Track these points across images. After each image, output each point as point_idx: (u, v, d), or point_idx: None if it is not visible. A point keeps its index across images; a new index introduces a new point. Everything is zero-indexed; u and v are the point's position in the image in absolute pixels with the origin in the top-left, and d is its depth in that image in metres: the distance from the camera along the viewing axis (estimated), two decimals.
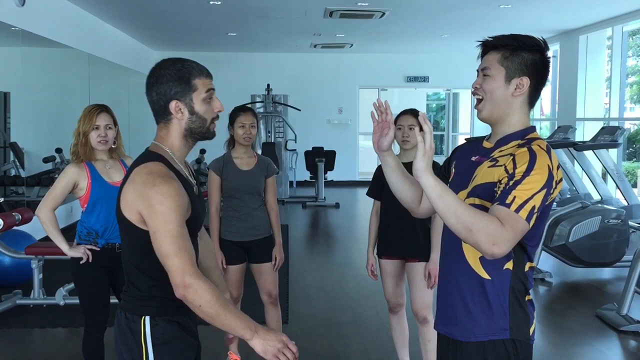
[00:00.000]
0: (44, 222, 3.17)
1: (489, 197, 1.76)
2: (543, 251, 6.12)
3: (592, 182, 8.65)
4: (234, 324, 1.68)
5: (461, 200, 1.67)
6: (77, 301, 4.56)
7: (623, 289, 4.83)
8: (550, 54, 1.86)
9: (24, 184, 7.82)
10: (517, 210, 1.64)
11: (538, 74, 1.82)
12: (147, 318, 1.81)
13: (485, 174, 1.80)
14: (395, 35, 11.29)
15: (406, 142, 3.37)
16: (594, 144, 7.95)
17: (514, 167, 1.70)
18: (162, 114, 1.83)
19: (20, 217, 5.04)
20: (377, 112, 1.94)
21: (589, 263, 5.80)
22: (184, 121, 1.82)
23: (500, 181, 1.73)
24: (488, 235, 1.62)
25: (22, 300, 5.06)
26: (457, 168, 1.97)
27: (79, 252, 3.12)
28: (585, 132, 10.34)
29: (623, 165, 11.07)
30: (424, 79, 14.54)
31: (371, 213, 3.59)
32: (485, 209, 1.73)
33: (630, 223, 5.95)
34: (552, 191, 1.72)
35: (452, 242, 1.88)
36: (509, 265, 1.79)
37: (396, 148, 3.48)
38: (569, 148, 8.54)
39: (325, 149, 12.05)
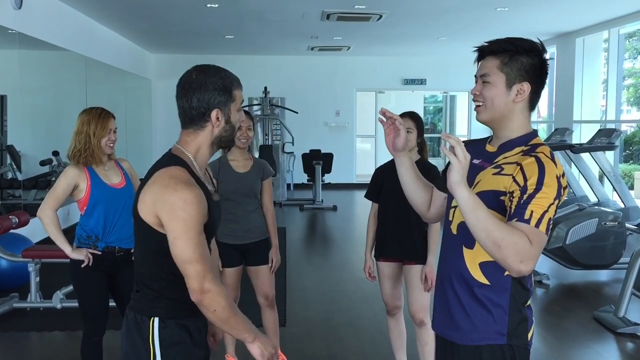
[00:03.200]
0: (46, 223, 3.14)
1: (493, 205, 1.74)
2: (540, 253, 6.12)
3: (589, 184, 8.66)
4: (241, 327, 1.78)
5: (492, 214, 1.64)
6: (75, 304, 4.55)
7: (620, 291, 4.84)
8: (547, 55, 1.86)
9: (21, 187, 7.81)
10: (537, 225, 1.64)
11: (537, 78, 1.81)
12: (156, 319, 1.81)
13: (489, 180, 1.78)
14: (393, 38, 11.30)
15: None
16: (591, 146, 7.96)
17: (524, 179, 1.68)
18: (197, 121, 1.83)
19: (17, 220, 5.03)
20: (385, 119, 1.94)
21: (586, 265, 5.80)
22: (217, 129, 1.84)
23: (511, 193, 1.70)
24: (516, 252, 1.61)
25: (19, 303, 5.04)
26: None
27: (82, 254, 3.11)
28: (582, 135, 10.36)
29: (620, 167, 11.09)
30: (421, 82, 14.55)
31: (369, 215, 3.59)
32: None
33: (627, 225, 5.96)
34: (561, 199, 1.72)
35: (452, 247, 1.87)
36: None
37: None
38: (566, 150, 8.55)
39: (322, 152, 12.05)
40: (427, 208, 2.04)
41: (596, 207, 6.55)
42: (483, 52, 1.85)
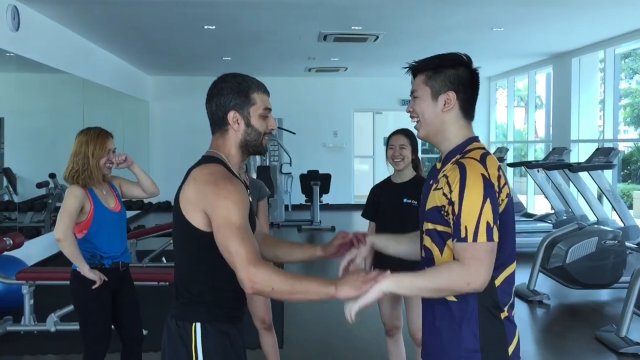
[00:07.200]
0: (67, 244, 3.04)
1: (437, 220, 1.76)
2: (540, 273, 6.08)
3: (587, 203, 8.63)
4: (313, 289, 1.72)
5: (415, 273, 1.72)
6: (69, 327, 4.49)
7: (621, 311, 4.79)
8: (474, 66, 1.86)
9: (17, 209, 7.77)
10: (475, 238, 1.65)
11: (465, 86, 1.83)
12: (198, 325, 1.83)
13: (431, 198, 1.80)
14: (390, 59, 11.35)
15: (398, 162, 3.36)
16: (589, 165, 7.95)
17: (450, 190, 1.71)
18: (219, 124, 1.90)
19: (12, 242, 4.99)
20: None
21: (587, 284, 5.75)
22: (240, 132, 1.88)
23: (444, 207, 1.73)
24: (456, 282, 1.66)
25: (13, 326, 4.97)
26: (422, 194, 1.92)
27: (96, 275, 3.08)
28: (580, 154, 10.36)
29: (618, 187, 11.08)
30: None
31: None
32: (441, 233, 1.75)
33: (627, 244, 5.93)
34: (498, 196, 1.69)
35: (422, 267, 1.87)
36: None
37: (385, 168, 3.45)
38: (564, 169, 8.55)
39: (320, 172, 12.04)
40: (420, 256, 1.96)
41: (596, 226, 6.53)
42: (414, 72, 1.92)
